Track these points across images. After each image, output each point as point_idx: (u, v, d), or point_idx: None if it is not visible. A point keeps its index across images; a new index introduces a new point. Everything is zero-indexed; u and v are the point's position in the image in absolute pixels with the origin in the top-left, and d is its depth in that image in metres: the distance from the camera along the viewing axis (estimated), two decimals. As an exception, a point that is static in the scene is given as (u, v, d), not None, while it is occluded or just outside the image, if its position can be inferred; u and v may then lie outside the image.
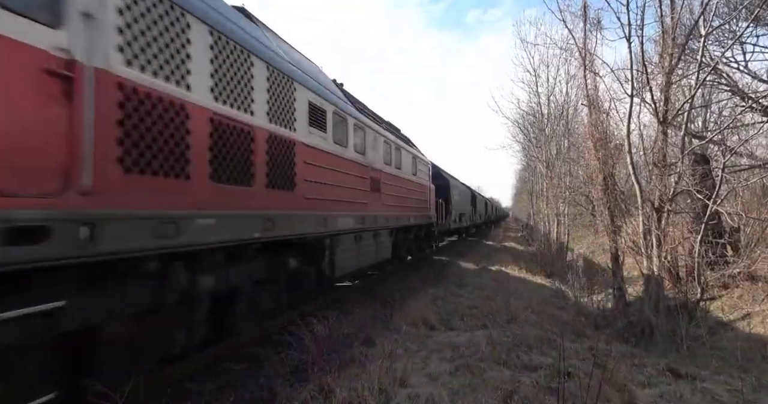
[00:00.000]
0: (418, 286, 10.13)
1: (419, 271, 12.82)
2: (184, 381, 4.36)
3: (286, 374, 4.73)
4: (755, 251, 9.90)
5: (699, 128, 13.23)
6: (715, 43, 10.43)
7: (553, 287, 12.52)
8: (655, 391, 4.38)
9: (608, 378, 3.99)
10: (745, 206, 11.10)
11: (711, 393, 4.45)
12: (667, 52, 7.76)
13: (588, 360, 4.89)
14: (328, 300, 8.19)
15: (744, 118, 9.78)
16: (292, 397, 3.82)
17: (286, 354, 5.28)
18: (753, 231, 10.64)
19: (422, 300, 8.16)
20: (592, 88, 9.57)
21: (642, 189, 8.06)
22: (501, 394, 3.80)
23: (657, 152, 7.95)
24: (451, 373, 4.36)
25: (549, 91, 19.28)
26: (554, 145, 18.73)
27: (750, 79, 10.65)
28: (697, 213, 8.61)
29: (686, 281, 8.95)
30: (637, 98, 8.34)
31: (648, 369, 5.11)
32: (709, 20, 7.84)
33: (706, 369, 5.42)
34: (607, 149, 9.17)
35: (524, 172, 37.87)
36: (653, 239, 7.70)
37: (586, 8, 9.54)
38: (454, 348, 5.21)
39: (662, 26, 8.04)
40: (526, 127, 23.00)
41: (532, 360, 4.82)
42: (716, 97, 12.54)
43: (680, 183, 7.89)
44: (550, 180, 19.13)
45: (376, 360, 4.17)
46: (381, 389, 3.67)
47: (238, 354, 5.22)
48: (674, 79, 8.14)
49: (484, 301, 8.46)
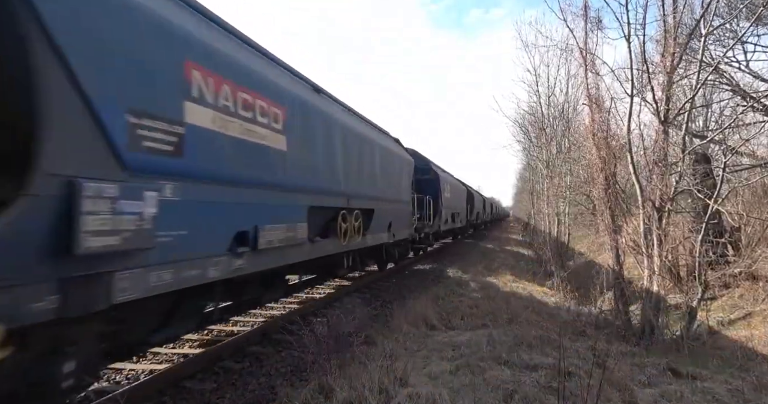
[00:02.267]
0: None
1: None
2: (184, 380, 4.36)
3: (286, 373, 4.74)
4: (756, 250, 9.90)
5: (700, 128, 13.22)
6: (716, 42, 10.43)
7: (553, 291, 12.50)
8: (655, 391, 4.38)
9: (609, 377, 3.99)
10: (746, 205, 11.10)
11: (711, 392, 4.44)
12: (669, 52, 7.74)
13: (588, 360, 4.89)
14: (328, 300, 8.20)
15: (745, 117, 9.77)
16: (293, 396, 3.82)
17: (286, 353, 5.29)
18: (754, 231, 10.64)
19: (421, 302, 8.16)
20: (593, 88, 9.56)
21: (643, 188, 8.05)
22: (501, 394, 3.80)
23: (658, 152, 7.94)
24: (451, 373, 4.36)
25: (549, 90, 19.27)
26: (554, 144, 18.72)
27: (751, 79, 10.65)
28: (698, 213, 8.61)
29: (687, 280, 8.93)
30: (638, 98, 8.33)
31: (648, 369, 5.11)
32: (710, 20, 7.83)
33: (707, 369, 5.41)
34: (608, 148, 9.16)
35: (525, 171, 37.87)
36: (654, 238, 7.69)
37: (587, 8, 9.53)
38: (455, 348, 5.22)
39: (664, 25, 8.02)
40: (526, 126, 22.99)
41: (533, 359, 4.82)
42: (717, 96, 12.54)
43: (681, 183, 7.89)
44: (550, 180, 19.11)
45: (377, 359, 4.17)
46: (381, 388, 3.67)
47: (238, 353, 5.22)
48: (675, 79, 8.13)
49: (485, 301, 8.46)
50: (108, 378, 4.45)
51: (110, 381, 4.39)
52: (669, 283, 8.52)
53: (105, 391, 3.97)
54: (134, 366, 4.74)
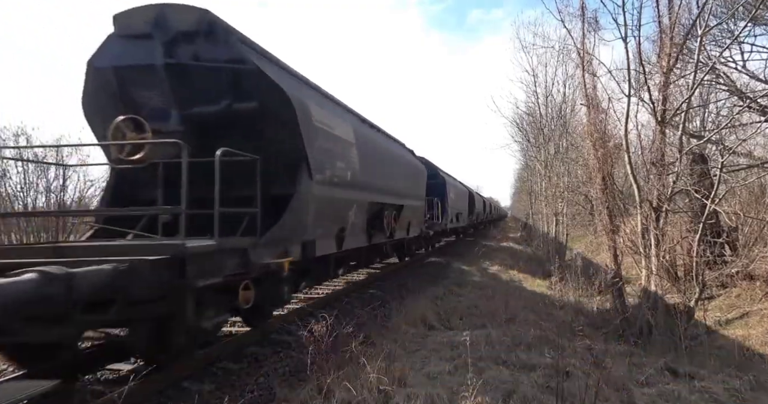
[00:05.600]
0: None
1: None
2: (182, 381, 4.36)
3: (285, 374, 4.74)
4: (753, 250, 9.92)
5: (697, 128, 13.25)
6: (712, 42, 10.45)
7: (551, 291, 12.51)
8: (653, 390, 4.40)
9: (607, 377, 4.01)
10: (743, 205, 11.13)
11: (709, 392, 4.46)
12: (665, 52, 7.77)
13: (587, 360, 4.90)
14: (328, 300, 8.20)
15: (742, 117, 9.79)
16: (291, 397, 3.82)
17: (284, 354, 5.29)
18: (751, 230, 10.66)
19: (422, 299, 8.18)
20: (590, 88, 9.58)
21: (640, 189, 8.07)
22: (501, 394, 3.80)
23: (655, 152, 7.96)
24: (450, 373, 4.37)
25: (547, 91, 19.30)
26: (552, 145, 18.75)
27: (748, 79, 10.67)
28: (696, 213, 8.62)
29: (684, 280, 8.95)
30: (635, 98, 8.35)
31: (646, 369, 5.12)
32: (707, 20, 7.85)
33: (704, 369, 5.43)
34: (606, 148, 9.18)
35: (523, 171, 37.90)
36: (652, 238, 7.71)
37: (584, 8, 9.54)
38: (454, 348, 5.22)
39: (660, 26, 8.05)
40: (524, 127, 23.03)
41: (531, 359, 4.83)
42: (714, 96, 12.54)
43: (678, 183, 7.90)
44: (548, 180, 19.14)
45: (376, 359, 4.18)
46: (380, 389, 3.67)
47: (236, 354, 5.22)
48: (672, 79, 8.15)
49: (484, 301, 8.47)
50: (106, 378, 4.45)
51: (109, 381, 4.39)
52: (667, 283, 8.53)
53: (104, 392, 3.97)
54: (133, 366, 4.73)
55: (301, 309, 7.25)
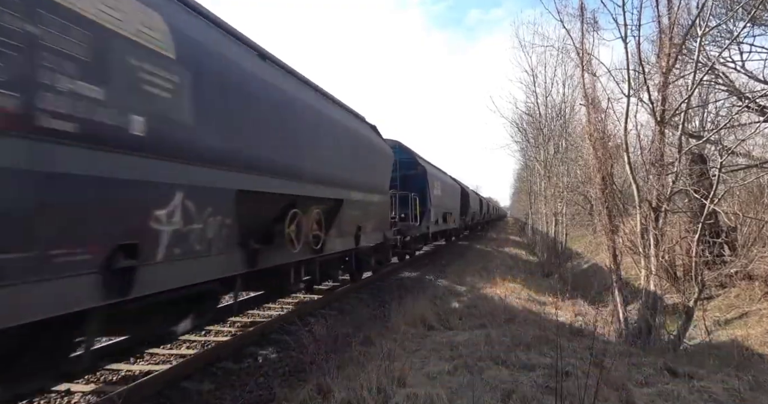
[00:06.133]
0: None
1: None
2: (182, 381, 4.36)
3: (284, 374, 4.74)
4: (752, 250, 9.93)
5: (696, 128, 13.26)
6: (712, 43, 10.46)
7: (552, 299, 12.49)
8: (652, 390, 4.40)
9: (606, 377, 4.01)
10: (742, 205, 11.15)
11: (708, 392, 4.46)
12: (665, 53, 7.77)
13: (586, 359, 4.90)
14: (327, 299, 8.20)
15: (741, 117, 9.80)
16: (291, 397, 3.82)
17: (284, 354, 5.29)
18: (750, 230, 10.67)
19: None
20: (589, 88, 9.58)
21: (639, 189, 8.07)
22: (500, 394, 3.81)
23: (654, 152, 7.96)
24: (449, 373, 4.37)
25: (546, 91, 19.32)
26: (552, 145, 18.76)
27: (747, 79, 10.68)
28: (695, 213, 8.62)
29: (684, 280, 8.96)
30: (635, 98, 8.35)
31: (645, 368, 5.13)
32: (706, 20, 7.85)
33: (704, 368, 5.43)
34: (605, 148, 9.18)
35: (523, 172, 37.92)
36: (651, 238, 7.71)
37: (584, 8, 9.53)
38: (453, 348, 5.22)
39: (659, 26, 8.05)
40: (524, 127, 23.04)
41: (531, 359, 4.83)
42: (713, 97, 12.56)
43: (677, 183, 7.91)
44: (548, 180, 19.14)
45: (375, 359, 4.17)
46: (379, 389, 3.67)
47: (236, 354, 5.22)
48: (671, 79, 8.15)
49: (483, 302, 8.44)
50: (106, 379, 4.45)
51: (108, 382, 4.39)
52: (666, 283, 8.54)
53: (104, 392, 3.97)
54: (132, 367, 4.73)
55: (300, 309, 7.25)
